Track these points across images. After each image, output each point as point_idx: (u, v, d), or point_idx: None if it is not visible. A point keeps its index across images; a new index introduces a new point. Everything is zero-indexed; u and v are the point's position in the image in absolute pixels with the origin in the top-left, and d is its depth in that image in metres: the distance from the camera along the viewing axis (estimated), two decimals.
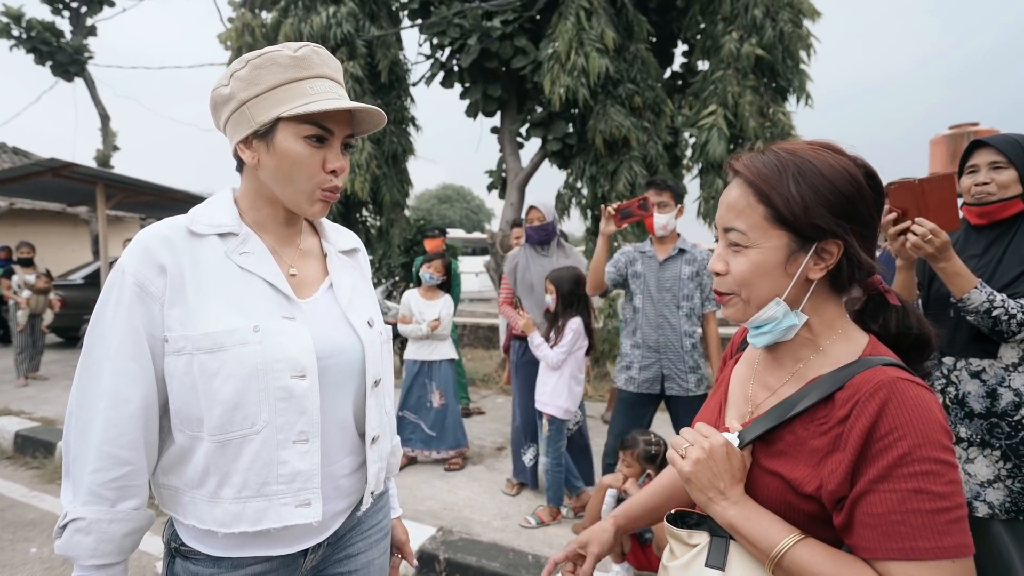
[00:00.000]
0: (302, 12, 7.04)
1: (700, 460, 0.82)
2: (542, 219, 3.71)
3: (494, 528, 3.13)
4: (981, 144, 1.83)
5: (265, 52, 0.96)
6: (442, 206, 40.56)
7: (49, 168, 7.85)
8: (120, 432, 0.91)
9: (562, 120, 6.80)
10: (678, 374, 2.88)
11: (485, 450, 4.42)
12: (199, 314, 0.94)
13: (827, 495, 0.76)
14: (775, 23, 6.14)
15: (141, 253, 0.94)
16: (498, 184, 7.81)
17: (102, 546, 0.90)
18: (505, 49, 6.60)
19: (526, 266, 3.77)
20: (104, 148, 13.65)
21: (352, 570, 1.14)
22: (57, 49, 12.60)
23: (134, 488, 0.94)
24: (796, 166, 0.81)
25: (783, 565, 0.76)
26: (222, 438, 0.94)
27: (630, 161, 6.36)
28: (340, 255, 1.16)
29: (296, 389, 0.96)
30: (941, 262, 1.67)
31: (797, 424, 0.82)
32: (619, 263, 3.06)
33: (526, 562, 2.69)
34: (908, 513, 0.70)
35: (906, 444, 0.72)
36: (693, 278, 2.91)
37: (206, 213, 1.02)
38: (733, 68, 6.13)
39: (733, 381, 1.01)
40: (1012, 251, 1.77)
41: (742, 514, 0.81)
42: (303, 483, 0.97)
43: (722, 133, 6.02)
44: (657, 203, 2.87)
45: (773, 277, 0.83)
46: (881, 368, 0.78)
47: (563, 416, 3.21)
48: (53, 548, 2.91)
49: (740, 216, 0.84)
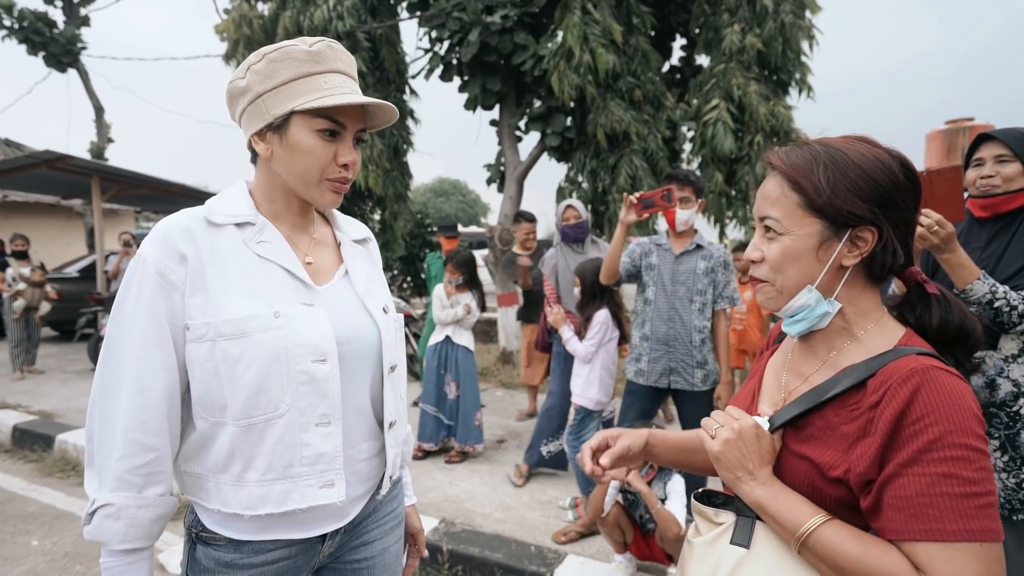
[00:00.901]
0: (301, 4, 7.00)
1: (729, 440, 0.84)
2: (578, 217, 3.83)
3: (496, 520, 3.15)
4: (987, 137, 1.85)
5: (281, 46, 0.98)
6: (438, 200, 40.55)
7: (44, 160, 7.81)
8: (146, 419, 0.93)
9: (561, 114, 6.80)
10: (685, 368, 2.89)
11: (486, 443, 4.43)
12: (220, 301, 0.95)
13: (855, 478, 0.77)
14: (777, 15, 6.15)
15: (161, 243, 0.96)
16: (496, 178, 7.80)
17: (132, 531, 0.92)
18: (505, 43, 6.59)
19: (565, 265, 3.85)
20: (98, 140, 13.55)
21: (368, 556, 1.15)
22: (50, 39, 12.48)
23: (160, 474, 0.96)
24: (827, 155, 0.84)
25: (809, 544, 0.77)
26: (247, 422, 0.95)
27: (630, 155, 6.37)
28: (353, 244, 1.18)
29: (317, 373, 0.98)
30: (946, 253, 1.68)
31: (828, 410, 0.83)
32: (634, 254, 3.07)
33: (528, 553, 2.71)
34: (937, 496, 0.71)
35: (937, 430, 0.72)
36: (708, 274, 2.92)
37: (223, 204, 1.03)
38: (735, 61, 6.13)
39: (768, 371, 1.02)
40: (1015, 244, 1.79)
41: (769, 493, 0.82)
42: (326, 464, 1.00)
43: (727, 126, 6.03)
44: (679, 198, 2.86)
45: (805, 263, 0.85)
46: (915, 356, 0.79)
47: (594, 407, 3.26)
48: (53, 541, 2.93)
49: (775, 205, 0.87)
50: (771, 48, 6.15)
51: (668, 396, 3.03)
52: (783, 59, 6.26)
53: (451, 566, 2.72)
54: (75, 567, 2.92)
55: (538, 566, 2.60)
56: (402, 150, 7.69)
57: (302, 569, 1.07)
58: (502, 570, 2.62)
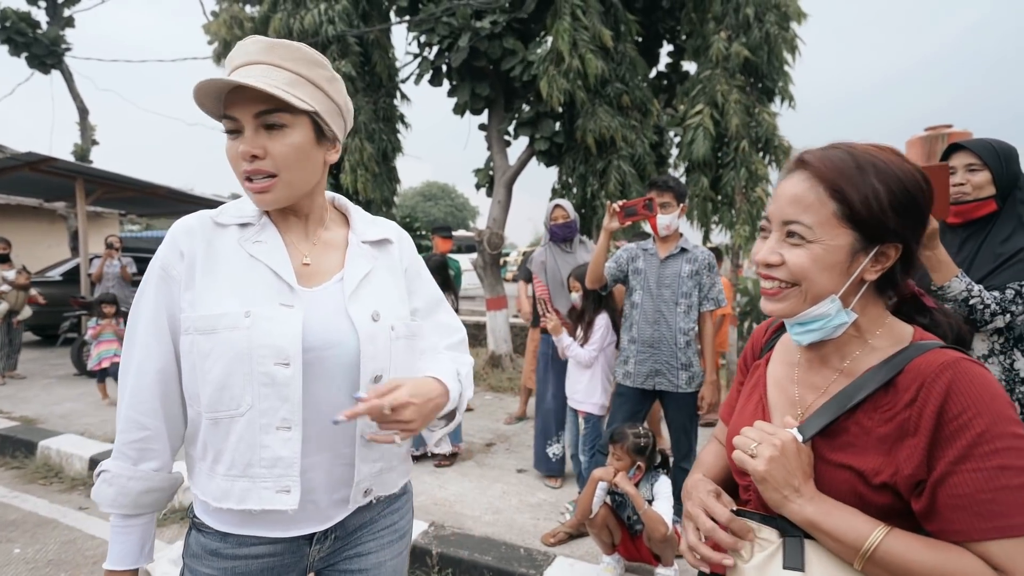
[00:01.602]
0: (291, 7, 6.99)
1: (774, 458, 0.79)
2: (566, 217, 3.87)
3: (485, 522, 3.16)
4: (958, 147, 1.91)
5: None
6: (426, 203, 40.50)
7: (27, 162, 7.72)
8: (140, 400, 1.01)
9: (550, 119, 6.85)
10: (670, 370, 2.93)
11: (475, 446, 4.44)
12: (202, 297, 1.00)
13: (903, 481, 0.75)
14: (762, 24, 6.24)
15: (169, 240, 1.03)
16: (485, 182, 7.82)
17: (119, 498, 1.00)
18: (494, 48, 6.62)
19: (553, 264, 3.89)
20: (82, 142, 13.43)
21: (362, 568, 1.14)
22: (33, 40, 12.38)
23: (153, 451, 1.03)
24: (874, 165, 0.80)
25: (876, 559, 0.73)
26: (213, 416, 1.00)
27: (618, 160, 6.42)
28: (363, 245, 1.15)
29: (279, 376, 0.97)
30: (929, 249, 1.73)
31: (860, 414, 0.81)
32: (620, 259, 3.13)
33: (518, 555, 2.72)
34: (998, 491, 0.69)
35: (982, 423, 0.71)
36: (692, 276, 2.97)
37: (236, 205, 1.09)
38: (721, 68, 6.21)
39: (770, 383, 0.98)
40: (986, 248, 1.85)
41: (821, 510, 0.78)
42: (284, 469, 0.99)
43: (707, 133, 6.10)
44: (660, 204, 2.92)
45: (833, 273, 0.81)
46: (940, 350, 0.78)
47: (599, 412, 3.34)
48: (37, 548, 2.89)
49: (807, 210, 0.81)
50: (758, 56, 6.23)
51: (656, 398, 3.06)
52: (768, 67, 6.34)
53: (441, 569, 2.73)
54: (58, 574, 2.88)
55: (528, 568, 2.61)
56: (391, 155, 7.69)
57: (290, 569, 1.07)
58: (492, 572, 2.63)
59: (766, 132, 6.23)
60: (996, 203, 1.85)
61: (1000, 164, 1.84)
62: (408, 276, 1.22)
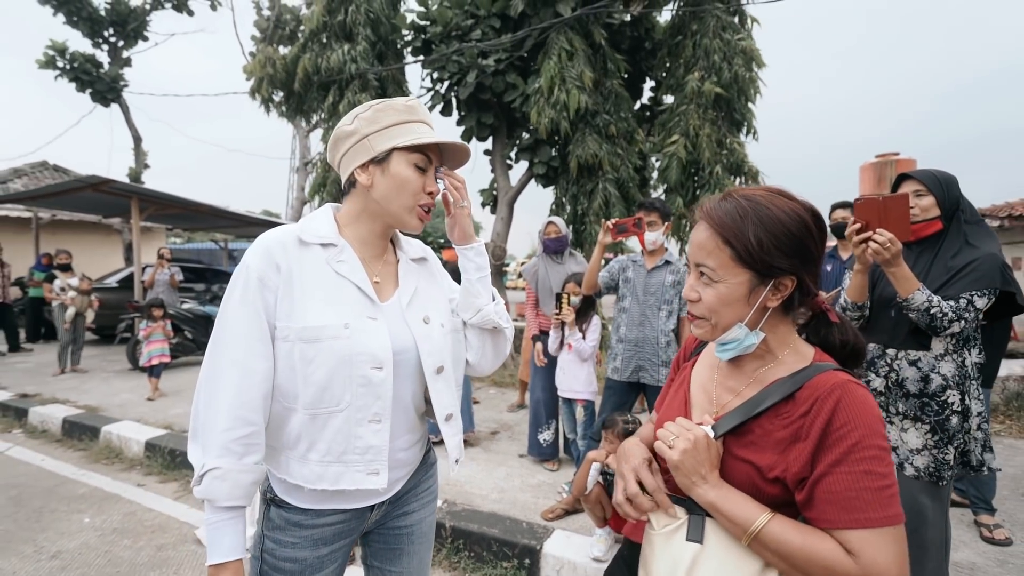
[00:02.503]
0: (319, 48, 7.05)
1: (687, 450, 0.84)
2: (558, 232, 3.89)
3: (492, 500, 3.18)
4: (907, 176, 1.96)
5: (384, 101, 1.08)
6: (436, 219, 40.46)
7: (90, 184, 7.77)
8: (248, 399, 0.97)
9: (547, 145, 6.90)
10: (651, 366, 2.96)
11: (481, 434, 4.46)
12: (301, 309, 1.00)
13: (791, 476, 0.80)
14: (731, 67, 6.30)
15: (263, 253, 1.01)
16: (489, 201, 7.87)
17: (235, 491, 0.96)
18: (497, 83, 6.68)
19: (545, 273, 3.91)
20: (136, 166, 13.47)
21: (408, 525, 1.21)
22: (96, 78, 12.43)
23: (257, 445, 1.00)
24: (755, 213, 0.84)
25: (759, 538, 0.79)
26: (313, 412, 1.01)
27: (604, 183, 6.47)
28: (410, 262, 1.21)
29: (374, 378, 1.03)
30: (894, 267, 1.77)
31: (764, 419, 0.85)
32: (613, 269, 3.17)
33: (521, 528, 2.74)
34: (861, 490, 0.75)
35: (857, 435, 0.77)
36: (674, 285, 3.01)
37: (311, 226, 1.08)
38: (695, 103, 6.26)
39: (694, 383, 1.02)
40: (938, 263, 1.88)
41: (721, 495, 0.83)
42: (374, 455, 1.04)
43: (680, 161, 6.17)
44: (648, 222, 2.97)
45: (737, 306, 0.86)
46: (832, 372, 0.83)
47: (594, 399, 3.41)
48: (104, 519, 2.91)
49: (710, 256, 0.86)
50: (730, 92, 6.29)
51: (641, 391, 3.09)
52: (738, 103, 6.40)
53: (453, 540, 2.75)
54: (123, 541, 2.90)
55: (529, 539, 2.63)
56: None
57: (355, 531, 1.14)
58: (498, 543, 2.65)
59: (737, 159, 6.28)
60: (942, 223, 1.89)
61: (942, 189, 1.89)
62: (444, 281, 1.29)
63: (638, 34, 7.38)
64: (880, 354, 1.96)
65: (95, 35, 12.88)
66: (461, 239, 1.19)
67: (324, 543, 1.08)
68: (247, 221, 10.69)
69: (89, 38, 12.85)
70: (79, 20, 12.47)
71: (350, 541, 1.14)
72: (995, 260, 1.79)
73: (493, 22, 6.73)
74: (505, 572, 2.58)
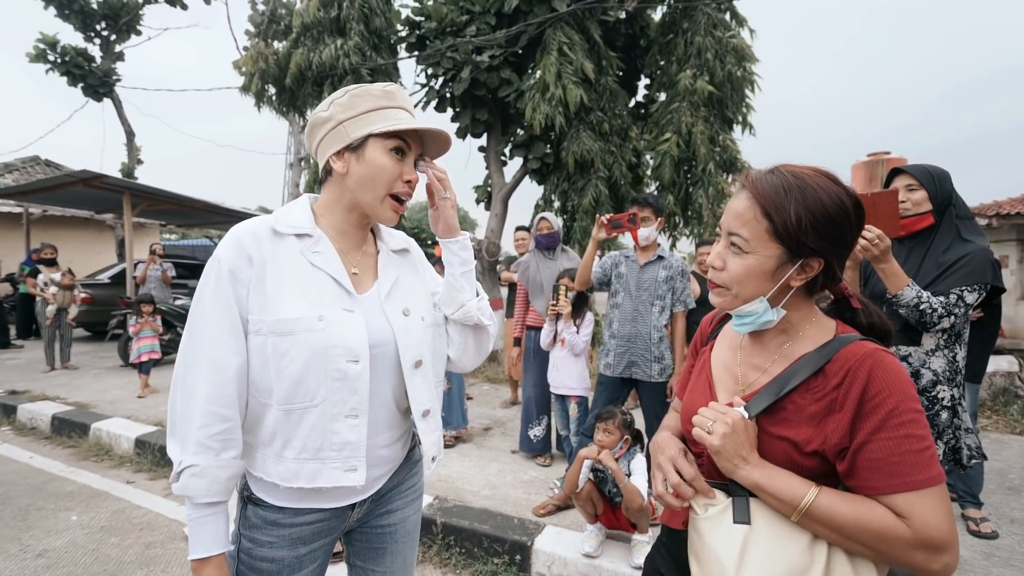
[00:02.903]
0: (311, 43, 6.97)
1: (727, 434, 0.84)
2: (550, 228, 3.85)
3: (483, 496, 3.16)
4: (899, 171, 1.95)
5: (361, 86, 1.04)
6: None
7: (82, 179, 7.67)
8: (221, 394, 0.95)
9: (541, 142, 6.86)
10: (644, 362, 2.94)
11: (474, 430, 4.44)
12: (275, 302, 0.97)
13: (830, 448, 0.80)
14: (723, 64, 6.28)
15: (235, 245, 0.98)
16: (484, 198, 7.82)
17: (213, 487, 0.94)
18: (492, 79, 6.63)
19: (536, 269, 3.86)
20: (129, 161, 13.31)
21: (391, 523, 1.18)
22: (88, 72, 12.26)
23: (233, 440, 0.97)
24: (799, 190, 0.83)
25: (810, 513, 0.79)
26: (287, 407, 0.97)
27: (596, 180, 6.45)
28: (391, 254, 1.17)
29: (350, 371, 0.99)
30: (883, 263, 1.75)
31: (795, 394, 0.85)
32: (606, 265, 3.14)
33: (512, 524, 2.72)
34: (904, 454, 0.76)
35: (893, 401, 0.77)
36: (667, 281, 2.98)
37: (287, 216, 1.04)
38: (687, 101, 6.24)
39: (715, 365, 1.01)
40: (929, 258, 1.87)
41: (765, 475, 0.83)
42: (351, 452, 1.01)
43: (672, 159, 6.15)
44: (641, 218, 2.94)
45: (761, 280, 0.86)
46: (859, 343, 0.83)
47: (588, 395, 3.40)
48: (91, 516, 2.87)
49: (746, 226, 0.85)
50: (722, 90, 6.27)
51: (633, 386, 3.07)
52: (731, 100, 6.38)
53: (444, 536, 2.72)
54: (110, 539, 2.86)
55: (520, 535, 2.61)
56: None
57: (335, 530, 1.10)
58: (489, 539, 2.63)
59: (730, 156, 6.27)
60: (934, 217, 1.88)
61: (934, 184, 1.87)
62: (428, 274, 1.25)
63: (633, 31, 7.35)
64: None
65: (87, 29, 12.70)
66: (445, 232, 1.16)
67: (302, 542, 1.04)
68: (242, 217, 10.59)
69: (81, 32, 12.67)
70: (71, 13, 12.29)
71: (330, 540, 1.10)
72: (986, 255, 1.78)
73: (488, 18, 6.68)
74: (496, 568, 2.55)
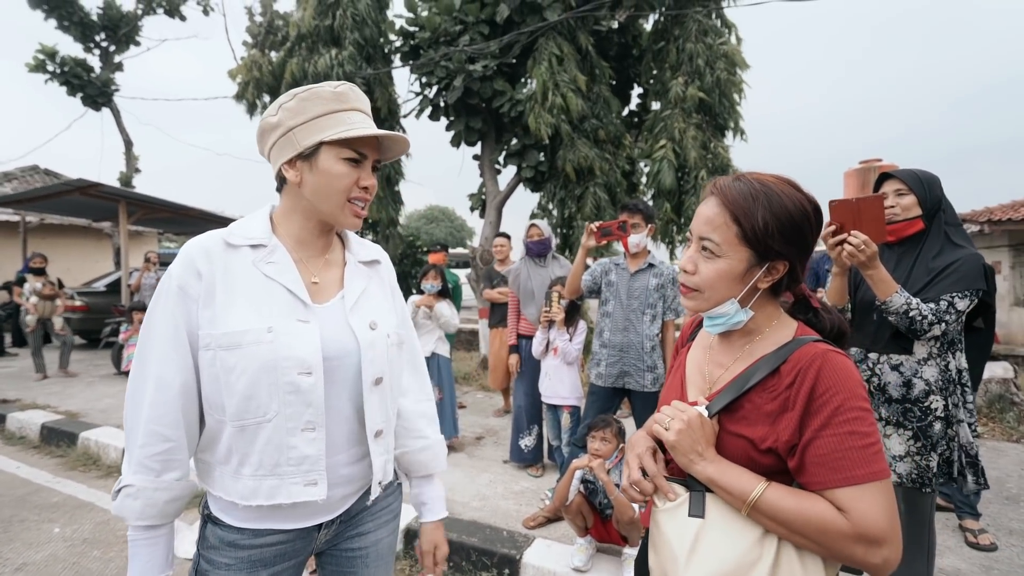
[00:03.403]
0: (306, 53, 6.97)
1: (682, 430, 0.87)
2: (541, 235, 3.79)
3: (473, 508, 3.09)
4: (888, 176, 1.90)
5: (310, 88, 0.98)
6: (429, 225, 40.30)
7: (77, 187, 7.64)
8: (163, 412, 0.92)
9: (535, 150, 6.85)
10: (637, 371, 2.88)
11: (466, 439, 4.37)
12: (223, 315, 0.93)
13: (782, 445, 0.83)
14: (713, 71, 6.27)
15: (184, 260, 0.95)
16: (478, 205, 7.80)
17: (147, 509, 0.91)
18: (485, 88, 6.63)
19: (527, 276, 3.80)
20: (127, 170, 13.31)
21: (362, 546, 1.11)
22: (87, 83, 12.31)
23: (176, 461, 0.94)
24: (765, 196, 0.86)
25: (757, 507, 0.81)
26: (240, 424, 0.93)
27: (594, 187, 6.42)
28: (359, 265, 1.13)
29: (303, 384, 0.94)
30: (870, 269, 1.70)
31: (753, 394, 0.87)
32: (595, 273, 3.07)
33: (501, 537, 2.65)
34: (847, 450, 0.78)
35: (839, 399, 0.79)
36: (658, 289, 2.92)
37: (242, 227, 1.01)
38: (680, 108, 6.23)
39: (689, 364, 1.05)
40: (920, 264, 1.82)
41: (718, 470, 0.85)
42: (311, 465, 0.96)
43: (671, 164, 6.12)
44: (631, 224, 2.88)
45: (732, 283, 0.89)
46: (813, 344, 0.86)
47: (580, 404, 3.30)
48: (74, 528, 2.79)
49: (716, 231, 0.88)
50: (712, 97, 6.26)
51: (624, 396, 3.01)
52: (720, 107, 6.37)
53: None
54: (92, 552, 2.79)
55: (509, 548, 2.55)
56: (394, 180, 7.64)
57: (300, 553, 1.04)
58: (477, 552, 2.56)
59: (721, 163, 6.24)
60: (923, 222, 1.83)
61: (923, 188, 1.83)
62: (394, 294, 1.20)
63: (625, 41, 7.36)
64: (862, 358, 1.90)
65: (86, 40, 12.75)
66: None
67: (263, 565, 0.98)
68: None
69: (80, 42, 12.73)
70: (70, 25, 12.34)
71: (295, 564, 1.04)
72: (977, 260, 1.73)
73: (481, 28, 6.68)
74: None
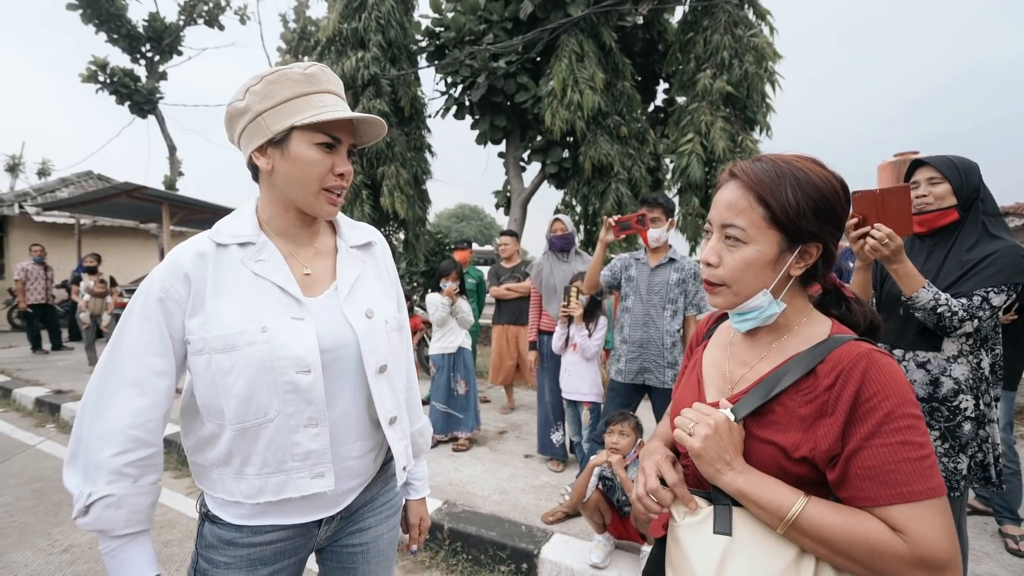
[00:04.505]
0: (334, 56, 7.06)
1: (708, 436, 0.77)
2: (564, 230, 3.73)
3: (493, 502, 3.07)
4: (921, 163, 1.78)
5: (278, 70, 0.92)
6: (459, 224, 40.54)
7: (124, 191, 7.92)
8: (148, 418, 0.89)
9: (559, 147, 6.78)
10: (657, 368, 2.81)
11: (488, 434, 4.35)
12: (215, 317, 0.90)
13: (820, 455, 0.73)
14: (741, 63, 6.08)
15: (171, 264, 0.92)
16: (503, 203, 7.78)
17: (134, 516, 0.88)
18: (509, 85, 6.59)
19: (550, 271, 3.75)
20: (171, 174, 13.79)
21: (363, 542, 1.09)
22: (134, 91, 12.80)
23: (155, 466, 0.92)
24: (792, 175, 0.79)
25: (797, 525, 0.71)
26: (240, 427, 0.91)
27: (616, 183, 6.31)
28: (352, 250, 1.08)
29: (302, 383, 0.92)
30: (895, 263, 1.60)
31: (784, 396, 0.78)
32: (615, 268, 3.00)
33: (520, 531, 2.62)
34: (900, 462, 0.68)
35: (889, 404, 0.70)
36: (679, 284, 2.84)
37: (229, 225, 0.97)
38: (706, 101, 6.07)
39: (706, 363, 0.96)
40: (952, 256, 1.70)
41: (749, 481, 0.76)
42: (316, 459, 0.94)
43: (700, 158, 5.96)
44: (651, 218, 2.80)
45: (762, 271, 0.80)
46: (855, 343, 0.77)
47: (601, 400, 3.25)
48: None
49: (741, 215, 0.80)
50: (739, 90, 6.07)
51: (645, 392, 2.94)
52: (748, 100, 6.18)
53: (451, 542, 2.64)
54: None
55: (527, 543, 2.51)
56: (421, 179, 7.68)
57: (300, 550, 1.01)
58: (495, 546, 2.54)
59: (750, 156, 6.05)
60: (958, 212, 1.71)
61: (959, 176, 1.70)
62: (390, 274, 1.15)
63: (650, 36, 7.21)
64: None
65: (133, 51, 13.25)
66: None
67: (263, 563, 0.96)
68: None
69: (128, 54, 13.23)
70: (119, 37, 12.84)
71: (296, 561, 1.02)
72: (1017, 252, 1.60)
73: (505, 25, 6.64)
74: None
